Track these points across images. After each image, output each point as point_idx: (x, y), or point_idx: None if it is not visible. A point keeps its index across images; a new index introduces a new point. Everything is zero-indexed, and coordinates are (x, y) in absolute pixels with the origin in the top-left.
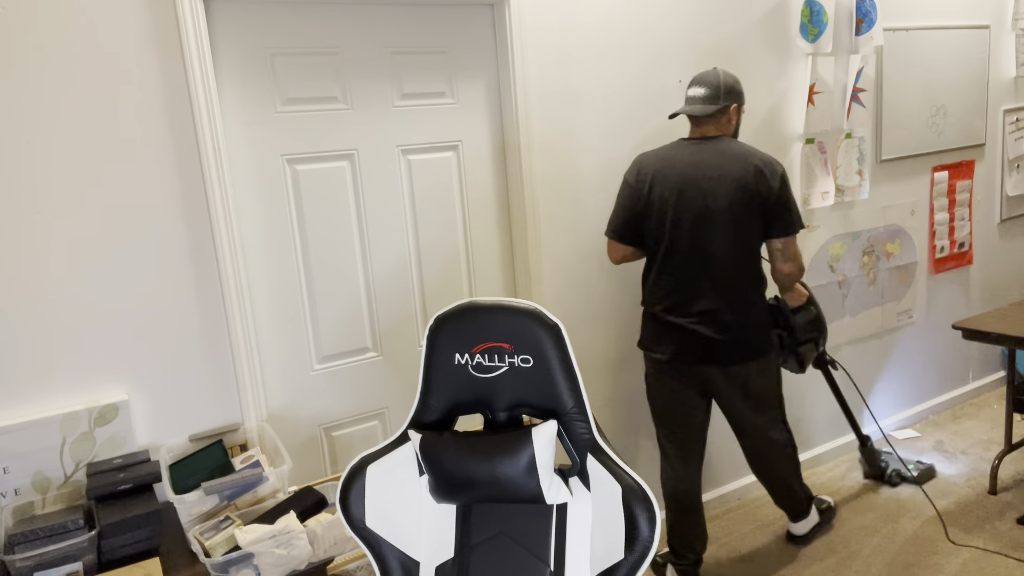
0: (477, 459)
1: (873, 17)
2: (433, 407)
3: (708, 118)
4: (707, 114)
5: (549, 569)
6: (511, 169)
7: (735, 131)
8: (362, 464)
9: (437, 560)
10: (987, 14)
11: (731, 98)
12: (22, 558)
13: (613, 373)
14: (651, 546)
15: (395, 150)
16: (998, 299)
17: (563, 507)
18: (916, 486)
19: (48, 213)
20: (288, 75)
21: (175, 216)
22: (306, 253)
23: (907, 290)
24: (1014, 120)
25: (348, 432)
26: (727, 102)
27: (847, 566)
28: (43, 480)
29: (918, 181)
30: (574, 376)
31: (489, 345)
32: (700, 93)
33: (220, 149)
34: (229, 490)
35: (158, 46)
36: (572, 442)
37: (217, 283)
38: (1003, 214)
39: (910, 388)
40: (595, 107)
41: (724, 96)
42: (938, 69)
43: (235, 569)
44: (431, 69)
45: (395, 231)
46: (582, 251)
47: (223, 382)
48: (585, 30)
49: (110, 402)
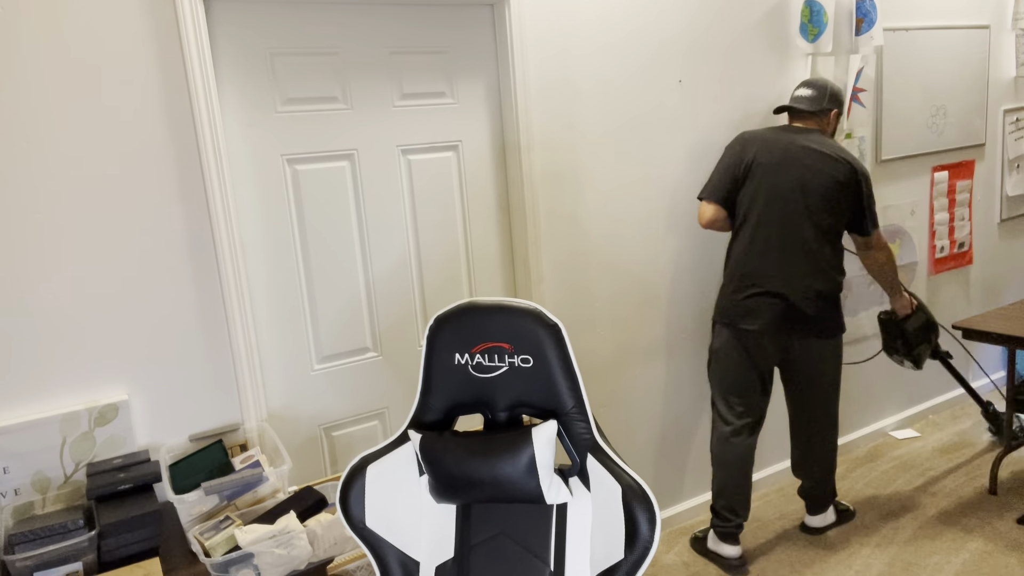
0: (477, 459)
1: (873, 17)
2: (433, 407)
3: (811, 115)
4: (811, 111)
5: (549, 569)
6: (511, 169)
7: (832, 134)
8: (362, 464)
9: (437, 560)
10: (987, 14)
11: (834, 103)
12: (22, 558)
13: (613, 373)
14: (651, 546)
15: (395, 150)
16: (998, 299)
17: (563, 507)
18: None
19: (48, 213)
20: (288, 75)
21: (175, 216)
22: (306, 253)
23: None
24: (1014, 120)
25: (348, 432)
26: (830, 106)
27: (847, 565)
28: (43, 480)
29: (918, 181)
30: (574, 376)
31: (489, 345)
32: (808, 94)
33: (220, 149)
34: (229, 490)
35: (158, 46)
36: (572, 442)
37: (217, 283)
38: (1003, 214)
39: (910, 388)
40: (595, 106)
41: (829, 100)
42: (938, 69)
43: (235, 569)
44: (431, 69)
45: (395, 231)
46: (582, 251)
47: (223, 382)
48: (585, 29)
49: (110, 402)
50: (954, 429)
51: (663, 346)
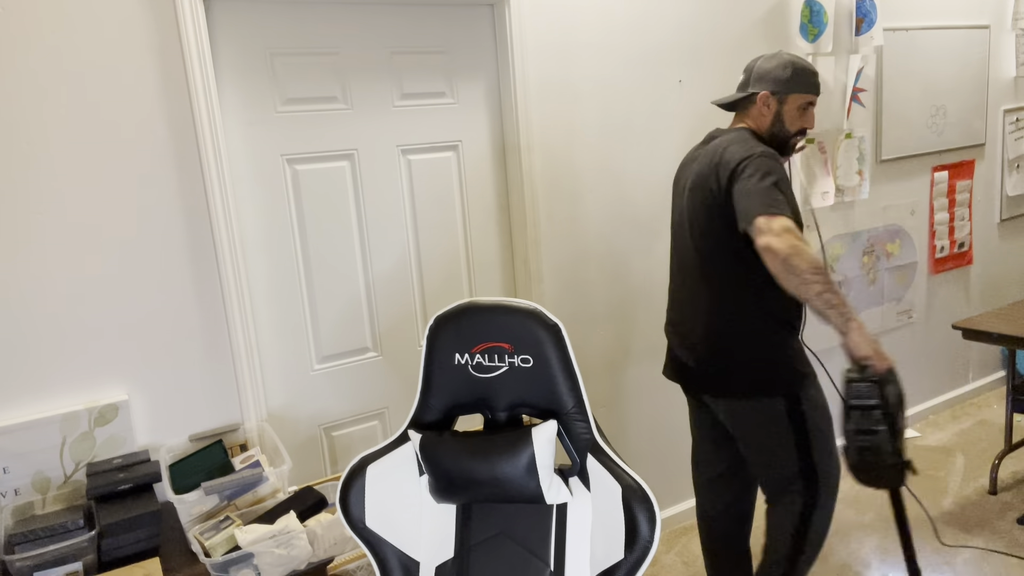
0: (477, 459)
1: (873, 17)
2: (433, 407)
3: (732, 108)
4: (724, 103)
5: (549, 569)
6: (511, 169)
7: (774, 127)
8: (362, 464)
9: (437, 560)
10: (987, 14)
11: (761, 85)
12: (22, 558)
13: (613, 373)
14: (651, 546)
15: (395, 150)
16: (998, 299)
17: (563, 507)
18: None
19: (47, 213)
20: (288, 75)
21: (175, 216)
22: (306, 253)
23: (907, 290)
24: (1014, 120)
25: (348, 432)
26: (755, 89)
27: (847, 565)
28: (43, 480)
29: (918, 181)
30: (574, 376)
31: (489, 345)
32: (739, 81)
33: (220, 149)
34: (229, 490)
35: (158, 46)
36: (572, 442)
37: (217, 283)
38: (1003, 214)
39: (910, 388)
40: (595, 107)
41: (754, 83)
42: (938, 69)
43: (235, 569)
44: (431, 69)
45: (395, 231)
46: (582, 251)
47: (223, 382)
48: (585, 30)
49: (110, 402)
50: (954, 429)
51: (663, 346)
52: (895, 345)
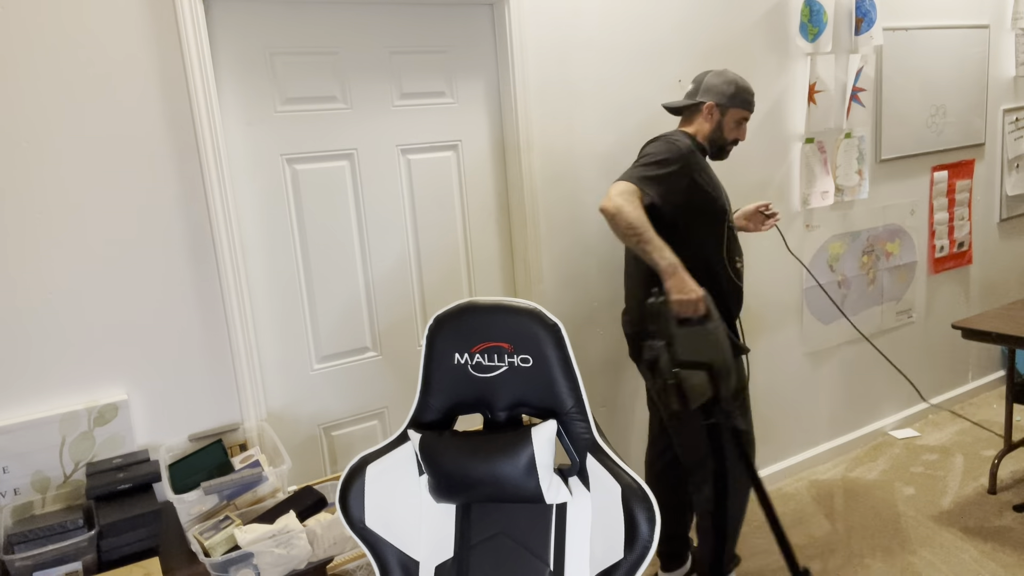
0: (477, 459)
1: (873, 17)
2: (433, 407)
3: (679, 112)
4: (672, 107)
5: (549, 569)
6: (511, 169)
7: (714, 133)
8: (362, 464)
9: (437, 560)
10: (987, 14)
11: (707, 95)
12: (22, 558)
13: (613, 373)
14: (651, 546)
15: (395, 150)
16: (998, 299)
17: (563, 507)
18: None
19: (48, 213)
20: (288, 75)
21: (175, 215)
22: (306, 253)
23: (907, 290)
24: (1014, 120)
25: (348, 432)
26: (703, 99)
27: (847, 564)
28: (43, 480)
29: (918, 181)
30: (574, 376)
31: (489, 345)
32: (687, 90)
33: (220, 149)
34: (229, 490)
35: (158, 46)
36: (572, 442)
37: (217, 283)
38: (1003, 214)
39: (910, 388)
40: (595, 106)
41: (702, 92)
42: (938, 69)
43: (235, 569)
44: (430, 69)
45: (395, 231)
46: (582, 250)
47: (222, 382)
48: (585, 29)
49: (109, 402)
50: (954, 428)
51: None
52: (895, 345)
